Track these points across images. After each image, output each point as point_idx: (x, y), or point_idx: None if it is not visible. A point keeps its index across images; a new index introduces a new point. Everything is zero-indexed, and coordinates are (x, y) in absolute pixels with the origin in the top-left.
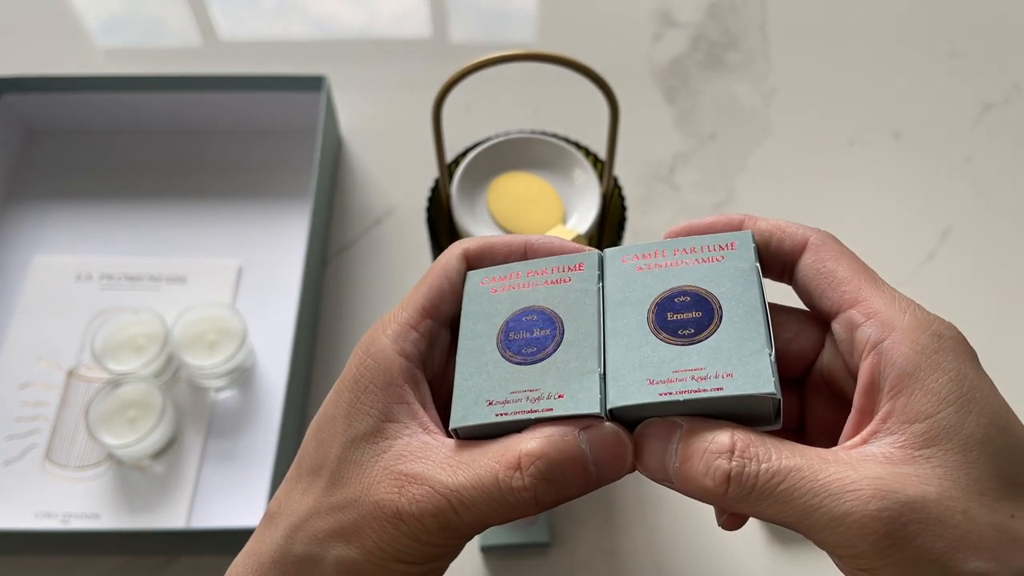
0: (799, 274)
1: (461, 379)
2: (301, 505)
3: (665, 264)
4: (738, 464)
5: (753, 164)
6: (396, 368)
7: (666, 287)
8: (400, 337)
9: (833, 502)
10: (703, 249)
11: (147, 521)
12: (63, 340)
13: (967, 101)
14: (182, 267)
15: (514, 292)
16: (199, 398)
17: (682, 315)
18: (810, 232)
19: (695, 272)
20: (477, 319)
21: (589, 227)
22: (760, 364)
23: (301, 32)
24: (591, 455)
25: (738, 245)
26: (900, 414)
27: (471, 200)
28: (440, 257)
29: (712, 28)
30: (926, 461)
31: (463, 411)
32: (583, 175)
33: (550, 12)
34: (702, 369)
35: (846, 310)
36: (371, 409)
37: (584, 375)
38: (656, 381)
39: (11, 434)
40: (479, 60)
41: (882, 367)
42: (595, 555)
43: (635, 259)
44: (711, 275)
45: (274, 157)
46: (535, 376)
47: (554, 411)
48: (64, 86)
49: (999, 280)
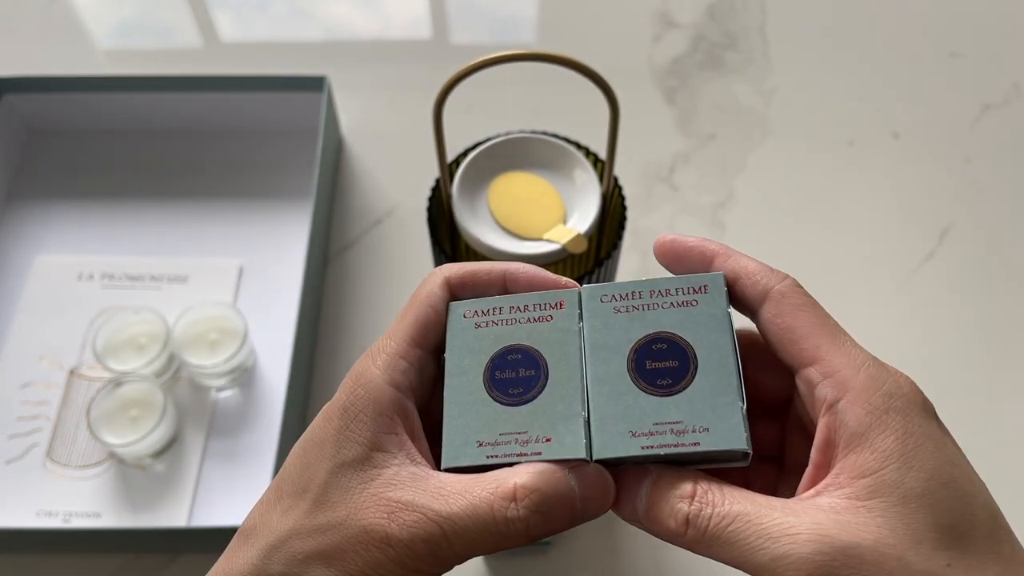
0: (760, 324)
1: (450, 418)
2: (281, 525)
3: (642, 307)
4: (695, 508)
5: (753, 164)
6: (386, 399)
7: (643, 333)
8: (390, 368)
9: (773, 544)
10: (677, 292)
11: (148, 520)
12: (65, 339)
13: (966, 101)
14: (183, 267)
15: (497, 329)
16: (200, 397)
17: (659, 364)
18: (773, 281)
19: (671, 316)
20: (463, 354)
21: (589, 227)
22: (733, 419)
23: (302, 33)
24: (579, 493)
25: (710, 288)
26: (849, 470)
27: (472, 200)
28: (422, 285)
29: (712, 29)
30: (868, 512)
31: (455, 451)
32: (583, 175)
33: (550, 13)
34: (680, 423)
35: (805, 367)
36: (360, 437)
37: (569, 419)
38: (638, 433)
39: (13, 433)
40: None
41: (837, 426)
42: (595, 555)
43: (612, 300)
44: (686, 321)
45: (275, 157)
46: (522, 418)
47: (542, 455)
48: (66, 87)
49: (998, 280)
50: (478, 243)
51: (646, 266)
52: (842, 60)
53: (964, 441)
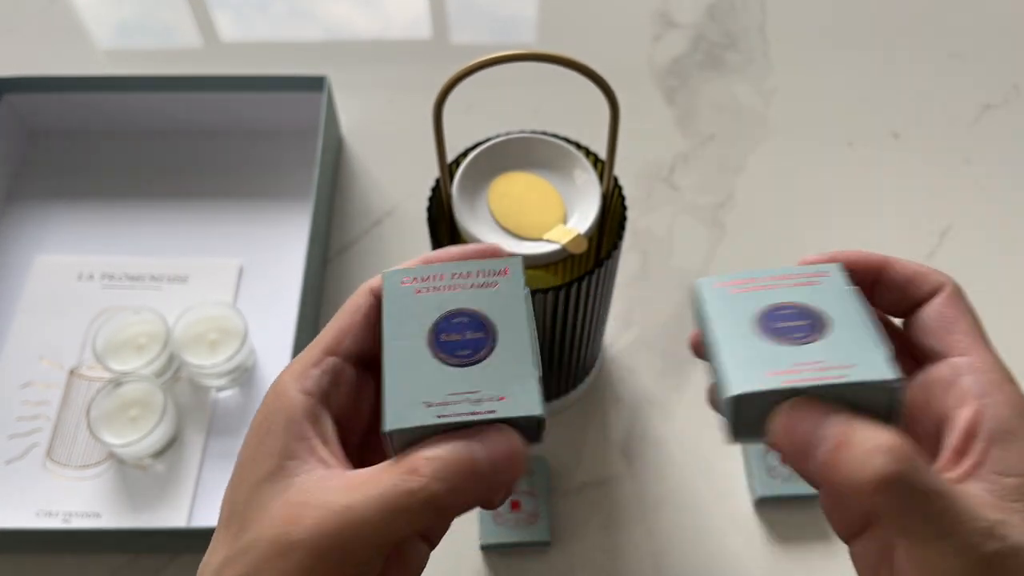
0: (923, 312)
1: (391, 381)
2: (215, 556)
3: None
4: (906, 468)
5: (753, 164)
6: (297, 406)
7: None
8: (301, 376)
9: (952, 525)
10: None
11: (148, 520)
12: (64, 339)
13: (966, 102)
14: (183, 267)
15: (440, 294)
16: (200, 397)
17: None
18: (947, 280)
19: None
20: (401, 320)
21: (589, 227)
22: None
23: (302, 33)
24: (484, 455)
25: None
26: (993, 464)
27: (472, 200)
28: (349, 298)
29: (712, 29)
30: (1016, 513)
31: (398, 413)
32: (584, 175)
33: (550, 13)
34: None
35: (957, 356)
36: (273, 449)
37: (524, 378)
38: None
39: (12, 433)
40: (480, 60)
41: (982, 420)
42: (595, 555)
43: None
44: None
45: (275, 157)
46: (473, 378)
47: (496, 412)
48: (66, 86)
49: (998, 280)
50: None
51: (646, 266)
52: (842, 60)
53: None
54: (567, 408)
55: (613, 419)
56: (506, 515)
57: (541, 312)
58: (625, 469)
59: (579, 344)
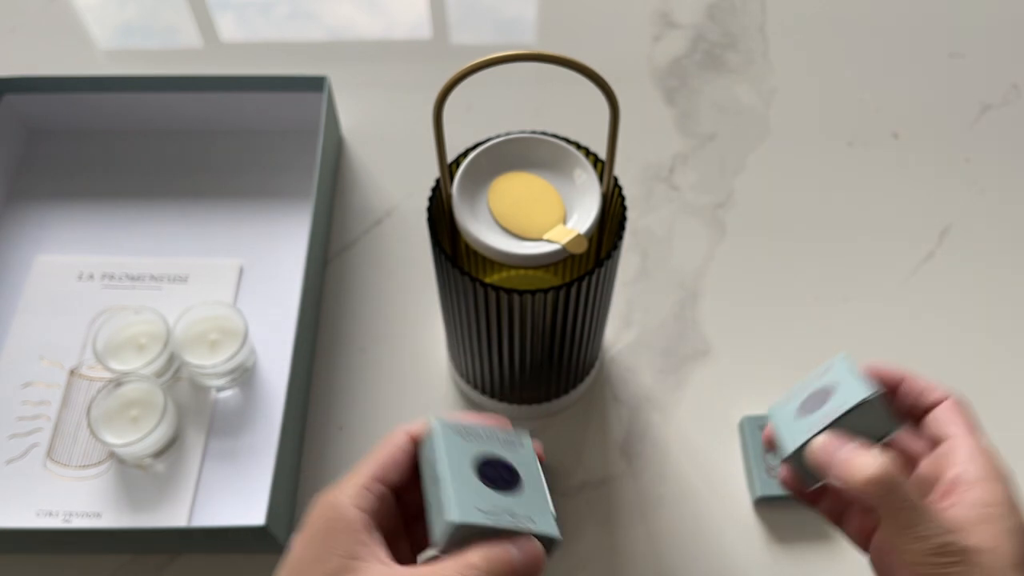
0: (933, 414)
1: (454, 488)
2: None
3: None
4: (890, 472)
5: (752, 164)
6: (356, 519)
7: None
8: (357, 496)
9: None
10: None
11: (149, 520)
12: (65, 339)
13: (966, 102)
14: (184, 267)
15: (479, 443)
16: (200, 397)
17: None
18: (949, 393)
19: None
20: (454, 452)
21: (589, 227)
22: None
23: (302, 33)
24: (519, 558)
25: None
26: (963, 502)
27: (472, 200)
28: (389, 435)
29: (712, 29)
30: (972, 528)
31: (463, 511)
32: (583, 175)
33: (551, 14)
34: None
35: (951, 440)
36: (338, 550)
37: (544, 511)
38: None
39: (13, 433)
40: (480, 60)
41: (962, 476)
42: (595, 555)
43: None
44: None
45: (275, 157)
46: (511, 503)
47: (532, 527)
48: (66, 86)
49: (997, 279)
50: (478, 243)
51: (646, 266)
52: (841, 61)
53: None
54: (567, 408)
55: (613, 419)
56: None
57: (541, 312)
58: (625, 468)
59: (579, 344)
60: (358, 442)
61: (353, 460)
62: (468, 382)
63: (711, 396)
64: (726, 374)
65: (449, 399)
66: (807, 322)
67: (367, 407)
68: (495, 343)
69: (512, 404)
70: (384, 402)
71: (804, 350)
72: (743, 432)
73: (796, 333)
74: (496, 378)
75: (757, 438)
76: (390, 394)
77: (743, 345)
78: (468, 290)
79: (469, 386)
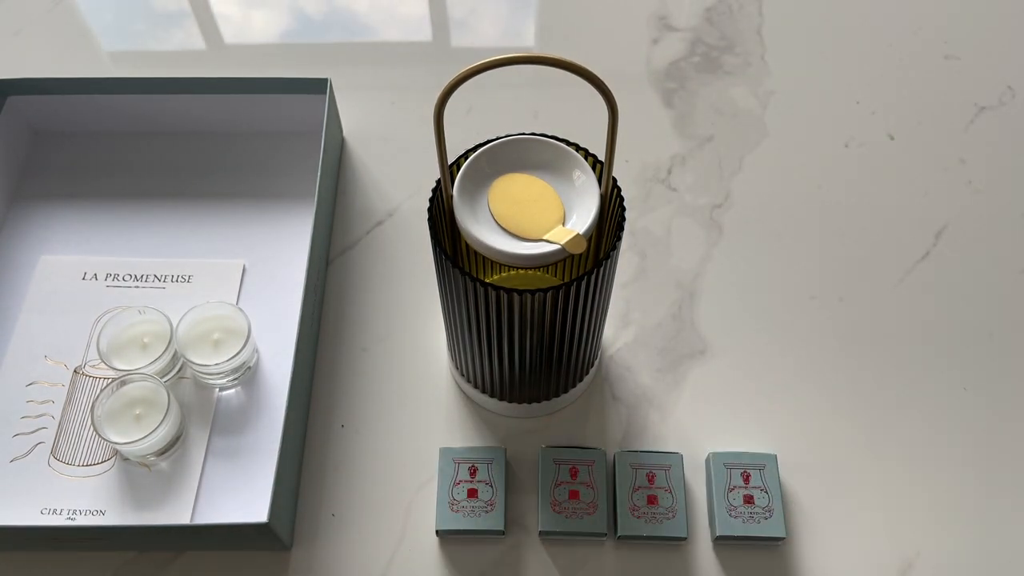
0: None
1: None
2: None
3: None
4: None
5: (750, 166)
6: None
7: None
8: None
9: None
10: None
11: (152, 517)
12: (69, 339)
13: (961, 103)
14: (187, 267)
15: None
16: (204, 396)
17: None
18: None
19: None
20: None
21: (588, 227)
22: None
23: (304, 36)
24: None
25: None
26: None
27: (472, 201)
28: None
29: (709, 32)
30: None
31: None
32: (583, 176)
33: (550, 17)
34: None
35: None
36: None
37: None
38: None
39: (17, 432)
40: (480, 63)
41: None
42: (595, 554)
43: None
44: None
45: (278, 159)
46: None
47: None
48: (69, 88)
49: (992, 280)
50: (479, 244)
51: (644, 266)
52: (838, 63)
53: (961, 439)
54: (566, 406)
55: (612, 417)
56: (463, 503)
57: (541, 312)
58: None
59: (578, 343)
60: (360, 440)
61: (354, 458)
62: (468, 381)
63: (708, 395)
64: (723, 373)
65: (450, 398)
66: (803, 322)
67: (368, 406)
68: (495, 343)
69: (512, 403)
70: (385, 401)
71: (800, 349)
72: (708, 468)
73: (792, 333)
74: (496, 377)
75: (722, 475)
76: (391, 393)
77: (740, 344)
78: (468, 290)
79: (469, 385)
